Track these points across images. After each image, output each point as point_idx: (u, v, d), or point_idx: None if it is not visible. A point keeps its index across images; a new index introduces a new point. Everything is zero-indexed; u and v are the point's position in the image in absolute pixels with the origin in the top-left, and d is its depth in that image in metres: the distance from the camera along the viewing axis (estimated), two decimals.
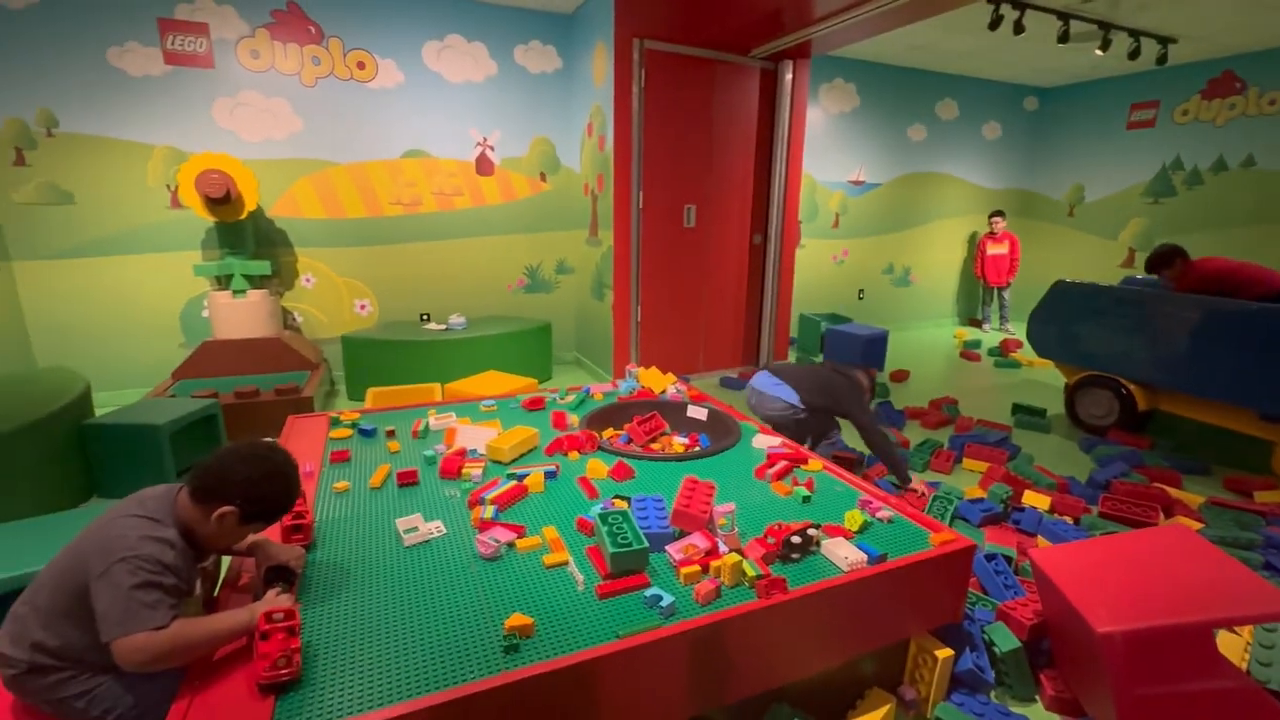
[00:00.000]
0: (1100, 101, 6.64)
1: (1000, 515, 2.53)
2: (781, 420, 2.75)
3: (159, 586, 1.08)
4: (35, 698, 1.13)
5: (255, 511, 1.24)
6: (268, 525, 1.31)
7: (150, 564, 1.09)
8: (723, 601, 1.37)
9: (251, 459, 1.24)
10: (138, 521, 1.14)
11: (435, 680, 1.12)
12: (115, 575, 1.06)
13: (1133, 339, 3.47)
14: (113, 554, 1.08)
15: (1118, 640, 1.32)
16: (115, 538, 1.11)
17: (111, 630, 1.04)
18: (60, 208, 3.68)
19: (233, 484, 1.20)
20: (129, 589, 1.05)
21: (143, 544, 1.10)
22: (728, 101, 4.48)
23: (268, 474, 1.25)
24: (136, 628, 1.04)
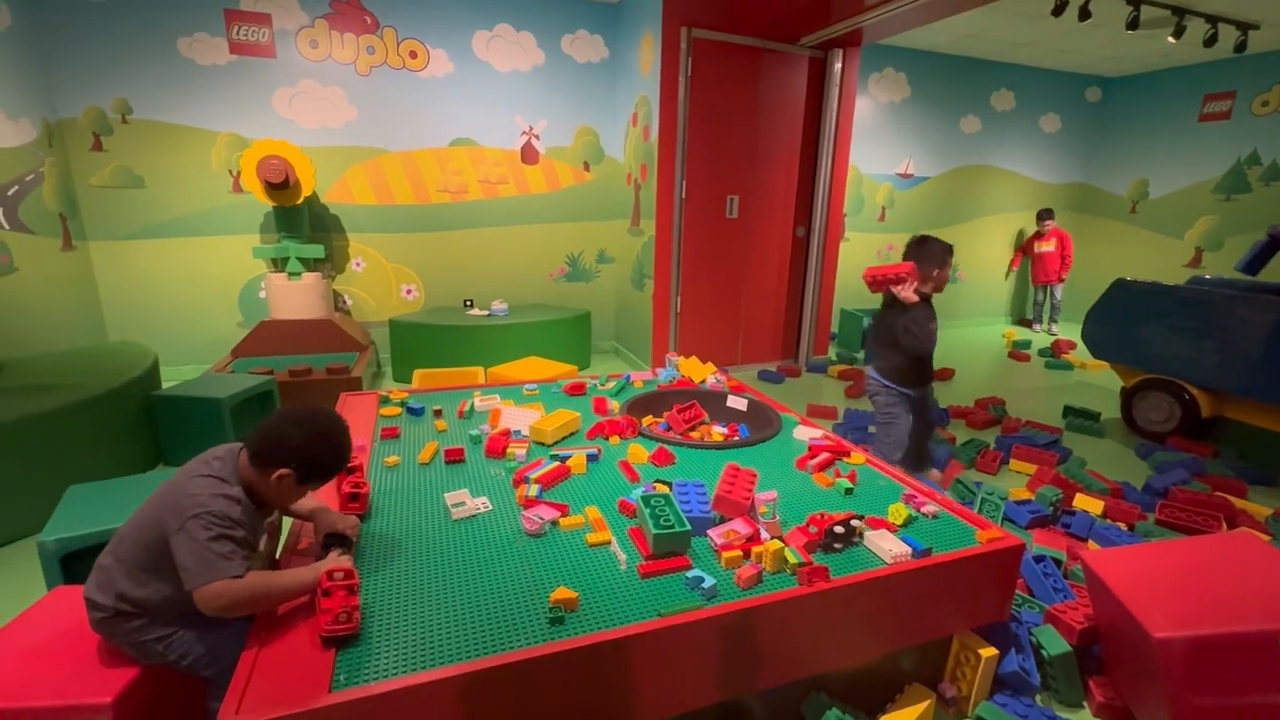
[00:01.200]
0: (1170, 92, 6.30)
1: (1049, 518, 2.45)
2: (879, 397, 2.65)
3: (231, 539, 1.15)
4: (120, 640, 1.22)
5: (310, 473, 1.29)
6: (323, 484, 1.37)
7: (221, 519, 1.15)
8: (764, 587, 1.37)
9: (305, 422, 1.29)
10: (207, 481, 1.20)
11: (484, 646, 1.16)
12: (191, 530, 1.13)
13: (1199, 341, 3.30)
14: (187, 511, 1.14)
15: (1176, 647, 1.27)
16: (188, 496, 1.17)
17: (193, 580, 1.11)
18: (133, 191, 3.88)
19: (288, 448, 1.25)
20: (205, 542, 1.12)
21: (213, 501, 1.17)
22: (774, 91, 4.41)
23: (321, 436, 1.29)
24: (215, 576, 1.11)
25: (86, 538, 1.69)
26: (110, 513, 1.78)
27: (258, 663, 1.09)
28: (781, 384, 4.54)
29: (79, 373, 2.80)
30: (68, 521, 1.73)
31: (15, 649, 1.24)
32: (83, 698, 1.13)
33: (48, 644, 1.26)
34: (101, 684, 1.16)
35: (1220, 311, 3.23)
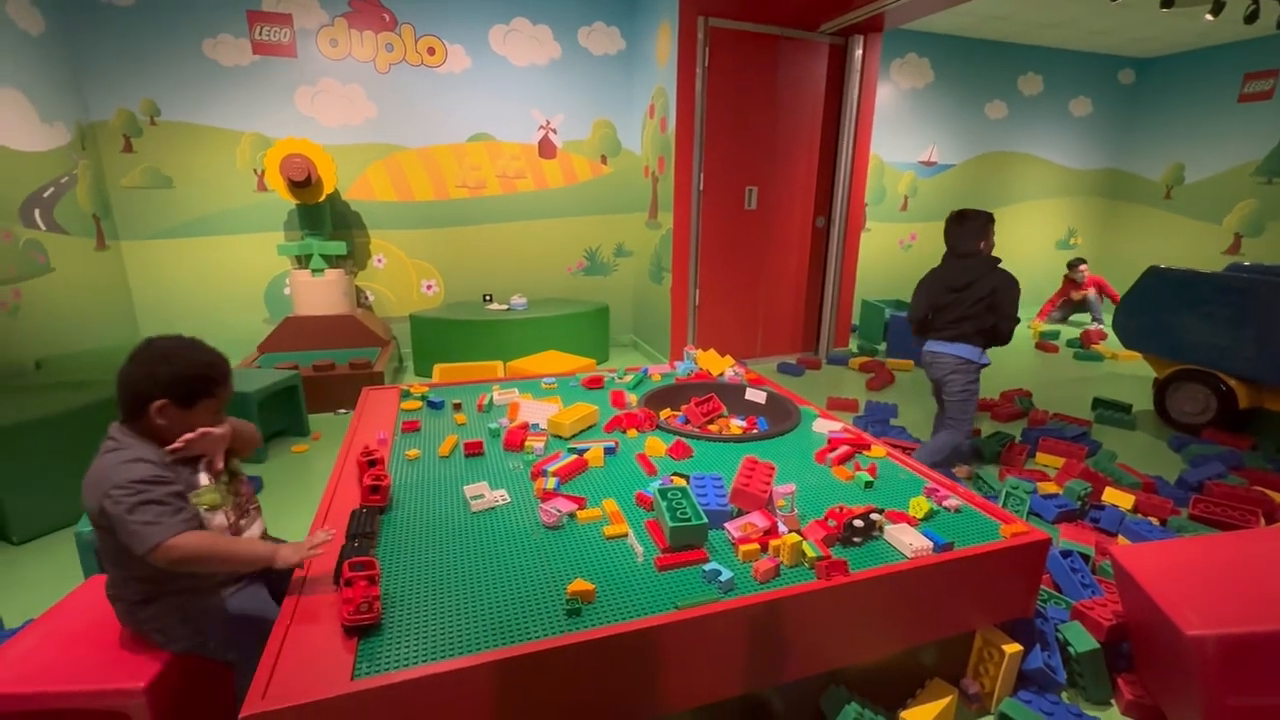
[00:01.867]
0: (1207, 72, 6.07)
1: (1077, 513, 2.39)
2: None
3: (149, 503, 1.12)
4: (147, 628, 1.27)
5: (183, 393, 1.21)
6: (216, 399, 1.28)
7: (128, 488, 1.12)
8: (781, 580, 1.36)
9: (138, 357, 1.23)
10: (103, 459, 1.19)
11: (501, 636, 1.17)
12: (109, 510, 1.12)
13: (1237, 330, 3.19)
14: (98, 492, 1.14)
15: (1210, 645, 1.23)
16: (94, 482, 1.16)
17: (138, 549, 1.11)
18: (162, 191, 3.98)
19: (138, 384, 1.20)
20: (124, 516, 1.10)
21: (115, 472, 1.14)
22: (793, 79, 4.35)
23: (159, 358, 1.22)
24: (149, 544, 1.10)
25: None
26: None
27: (282, 650, 1.11)
28: (801, 376, 4.50)
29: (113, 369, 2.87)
30: None
31: (54, 635, 1.29)
32: (118, 682, 1.17)
33: (84, 631, 1.30)
34: (136, 670, 1.20)
35: (1261, 299, 3.11)
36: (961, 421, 2.69)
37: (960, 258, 2.68)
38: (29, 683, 1.15)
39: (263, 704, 0.99)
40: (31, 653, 1.23)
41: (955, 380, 2.67)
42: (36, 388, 2.62)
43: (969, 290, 2.61)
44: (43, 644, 1.26)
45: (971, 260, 2.66)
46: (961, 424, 2.69)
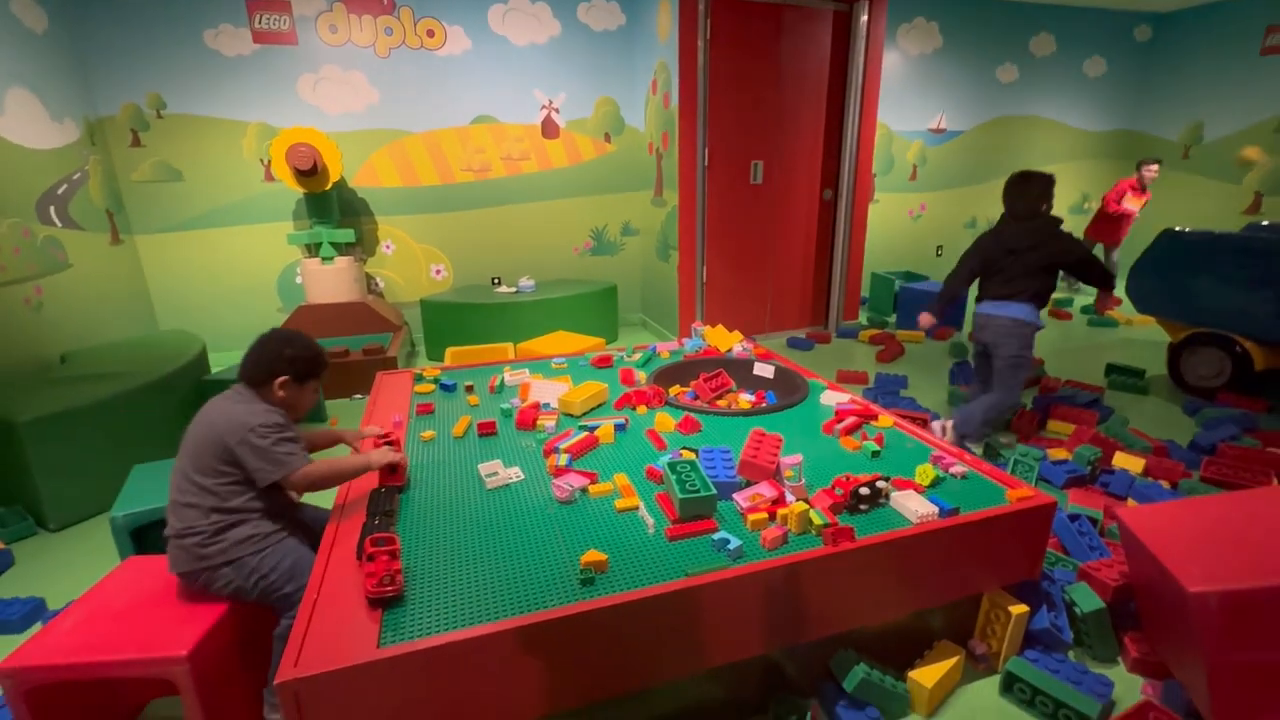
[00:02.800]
0: (1229, 25, 5.88)
1: (1087, 477, 2.41)
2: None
3: (288, 440, 1.43)
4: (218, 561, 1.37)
5: (301, 370, 1.51)
6: (320, 378, 1.59)
7: (273, 427, 1.41)
8: (789, 548, 1.40)
9: (270, 339, 1.52)
10: (245, 408, 1.44)
11: (519, 606, 1.21)
12: (252, 441, 1.37)
13: (1254, 292, 3.15)
14: (244, 427, 1.38)
15: (1212, 601, 1.25)
16: (236, 421, 1.39)
17: (269, 475, 1.38)
18: (171, 184, 4.03)
19: (270, 361, 1.48)
20: (269, 447, 1.38)
21: (255, 417, 1.41)
22: (797, 49, 4.28)
23: (286, 342, 1.52)
24: (287, 470, 1.40)
25: (154, 512, 1.81)
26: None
27: (311, 622, 1.17)
28: (811, 350, 4.50)
29: (135, 361, 2.96)
30: (136, 498, 1.86)
31: (97, 611, 1.36)
32: (162, 651, 1.23)
33: (126, 607, 1.37)
34: (178, 639, 1.26)
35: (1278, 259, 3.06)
36: (1013, 387, 2.64)
37: (1020, 219, 2.62)
38: (78, 654, 1.22)
39: (295, 671, 1.05)
40: (77, 628, 1.30)
41: (1010, 344, 2.61)
42: (64, 380, 2.70)
43: (1032, 253, 2.57)
44: (87, 620, 1.32)
45: (1035, 222, 2.60)
46: (1013, 389, 2.64)
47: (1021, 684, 1.49)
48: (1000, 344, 2.63)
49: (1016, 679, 1.50)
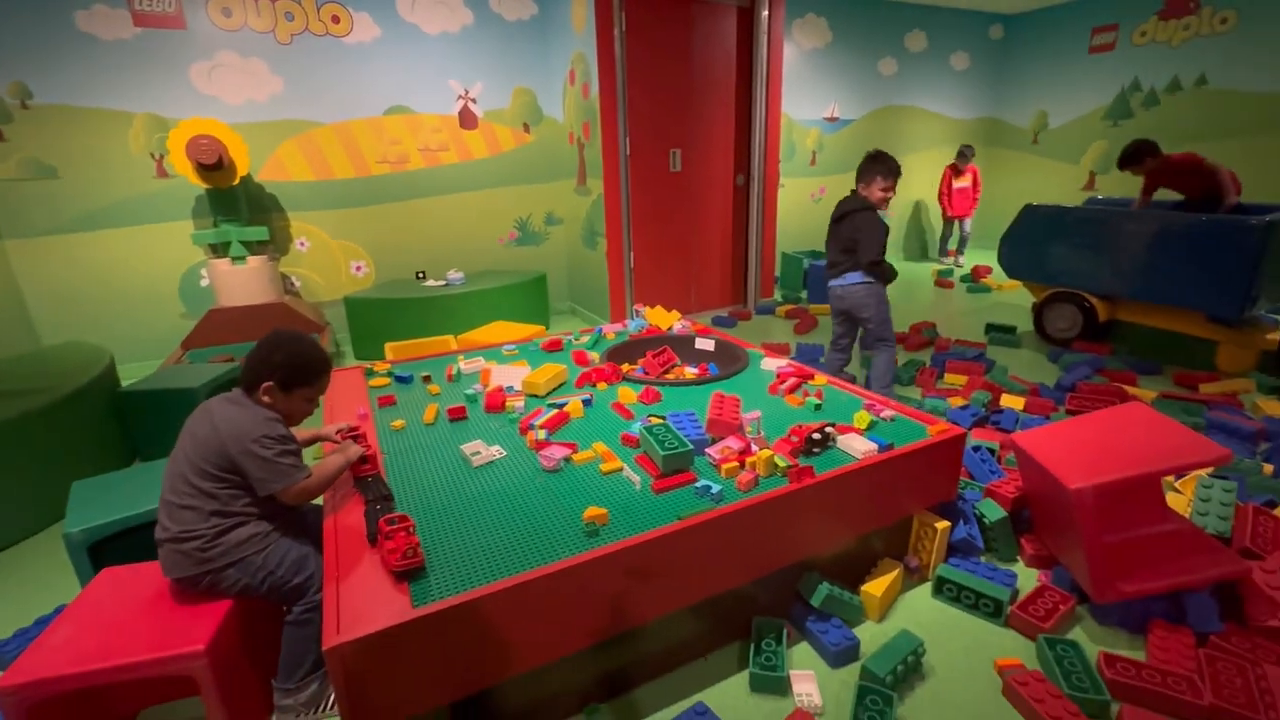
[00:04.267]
0: (1063, 26, 6.78)
1: (983, 419, 2.82)
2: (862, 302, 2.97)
3: (290, 452, 1.42)
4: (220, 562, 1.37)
5: (285, 377, 1.45)
6: (311, 388, 1.52)
7: (277, 439, 1.40)
8: (761, 488, 1.60)
9: (263, 343, 1.49)
10: (245, 412, 1.42)
11: (532, 562, 1.33)
12: (256, 451, 1.36)
13: (1094, 255, 3.76)
14: (248, 436, 1.37)
15: (1087, 494, 1.59)
16: (241, 426, 1.38)
17: (270, 486, 1.38)
18: (46, 182, 3.63)
19: (257, 366, 1.45)
20: (273, 458, 1.38)
21: (259, 426, 1.39)
22: (707, 42, 4.51)
23: (276, 345, 1.47)
24: (290, 483, 1.40)
25: (110, 525, 1.73)
26: (122, 502, 1.82)
27: (340, 597, 1.23)
28: (735, 327, 4.80)
29: (35, 377, 2.71)
30: (87, 513, 1.77)
31: (92, 620, 1.32)
32: (178, 647, 1.24)
33: (120, 614, 1.34)
34: (192, 634, 1.27)
35: (1111, 228, 3.68)
36: (889, 340, 3.00)
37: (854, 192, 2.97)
38: (89, 660, 1.20)
39: (339, 637, 1.11)
40: (77, 637, 1.27)
41: (869, 306, 2.96)
42: None
43: (840, 225, 2.94)
44: (84, 628, 1.29)
45: (853, 199, 2.94)
46: (890, 342, 3.00)
47: (949, 584, 1.79)
48: (861, 308, 2.99)
49: (945, 581, 1.80)
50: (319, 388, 1.55)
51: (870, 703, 1.41)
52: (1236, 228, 3.16)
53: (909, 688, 1.52)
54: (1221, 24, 5.58)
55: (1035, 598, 1.74)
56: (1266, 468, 2.31)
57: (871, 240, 2.84)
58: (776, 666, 1.52)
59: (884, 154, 2.91)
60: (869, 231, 2.85)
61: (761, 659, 1.54)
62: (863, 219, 2.87)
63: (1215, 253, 3.23)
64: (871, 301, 2.96)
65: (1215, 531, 1.86)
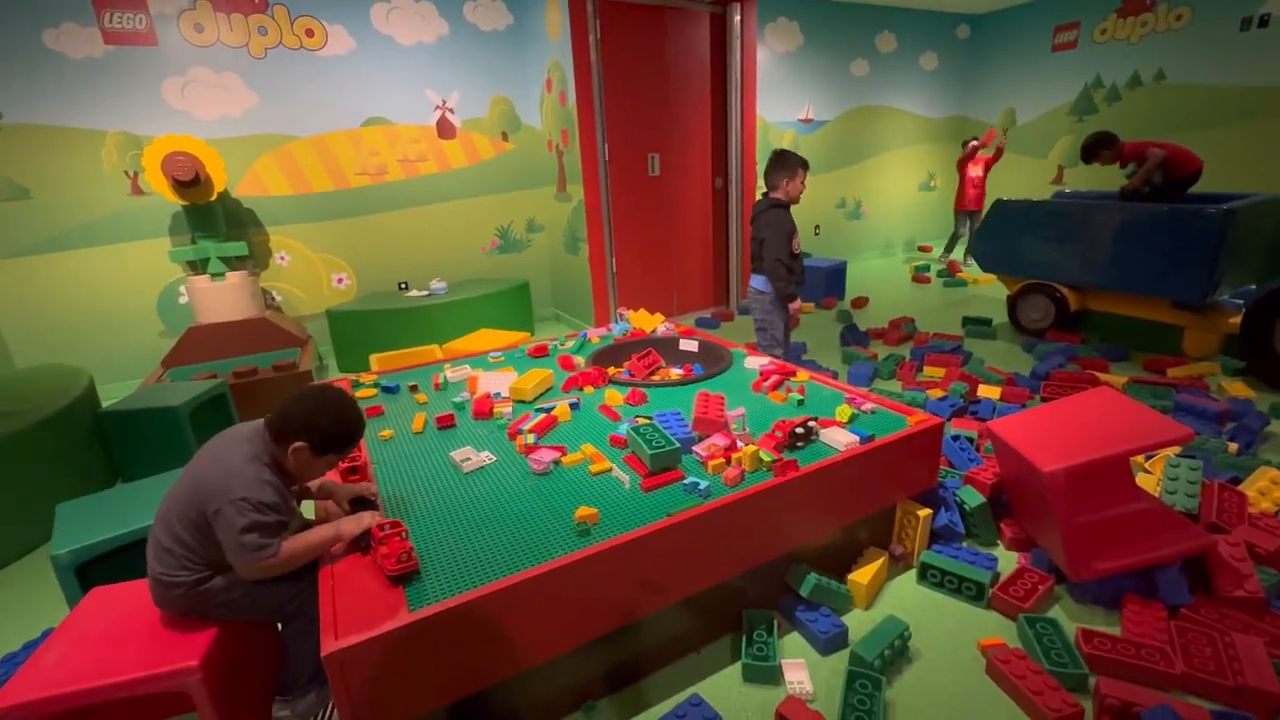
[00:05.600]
0: (1027, 26, 6.96)
1: (961, 409, 2.89)
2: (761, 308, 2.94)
3: (263, 527, 1.28)
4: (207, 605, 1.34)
5: (322, 443, 1.37)
6: (341, 455, 1.44)
7: (256, 506, 1.27)
8: (747, 483, 1.64)
9: (310, 398, 1.39)
10: (247, 466, 1.30)
11: (524, 563, 1.35)
12: (229, 515, 1.25)
13: (1063, 247, 3.87)
14: (229, 493, 1.26)
15: (1060, 476, 1.65)
16: (231, 477, 1.27)
17: (231, 558, 1.28)
18: (17, 203, 3.57)
19: (299, 421, 1.35)
20: (239, 532, 1.25)
21: (246, 485, 1.27)
22: (681, 48, 4.58)
23: (324, 407, 1.38)
24: (249, 560, 1.27)
25: (98, 546, 1.72)
26: (109, 521, 1.81)
27: (336, 604, 1.24)
28: (718, 328, 4.85)
29: (13, 400, 2.67)
30: (74, 535, 1.75)
31: (83, 639, 1.32)
32: (172, 663, 1.24)
33: (113, 631, 1.34)
34: (185, 650, 1.27)
35: (1078, 220, 3.79)
36: (764, 347, 2.95)
37: (764, 194, 2.93)
38: (82, 679, 1.20)
39: (337, 643, 1.13)
40: (69, 657, 1.26)
41: (755, 311, 2.98)
42: None
43: (754, 226, 2.92)
44: (76, 648, 1.29)
45: (766, 199, 2.89)
46: (767, 349, 2.95)
47: (932, 570, 1.85)
48: (751, 311, 3.02)
49: (929, 567, 1.85)
50: (348, 454, 1.48)
51: (860, 686, 1.45)
52: (1198, 216, 3.27)
53: (897, 671, 1.57)
54: (1177, 20, 5.77)
55: (1015, 579, 1.80)
56: (1231, 446, 2.40)
57: (777, 238, 2.77)
58: (768, 656, 1.56)
59: (788, 151, 2.86)
60: (771, 229, 2.79)
61: (753, 650, 1.58)
62: (766, 218, 2.83)
63: (1178, 241, 3.35)
64: (757, 309, 2.96)
65: (1183, 509, 1.94)
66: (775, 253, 2.79)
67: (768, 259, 2.82)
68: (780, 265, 2.80)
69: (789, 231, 2.80)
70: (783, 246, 2.78)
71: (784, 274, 2.81)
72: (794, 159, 2.83)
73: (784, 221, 2.81)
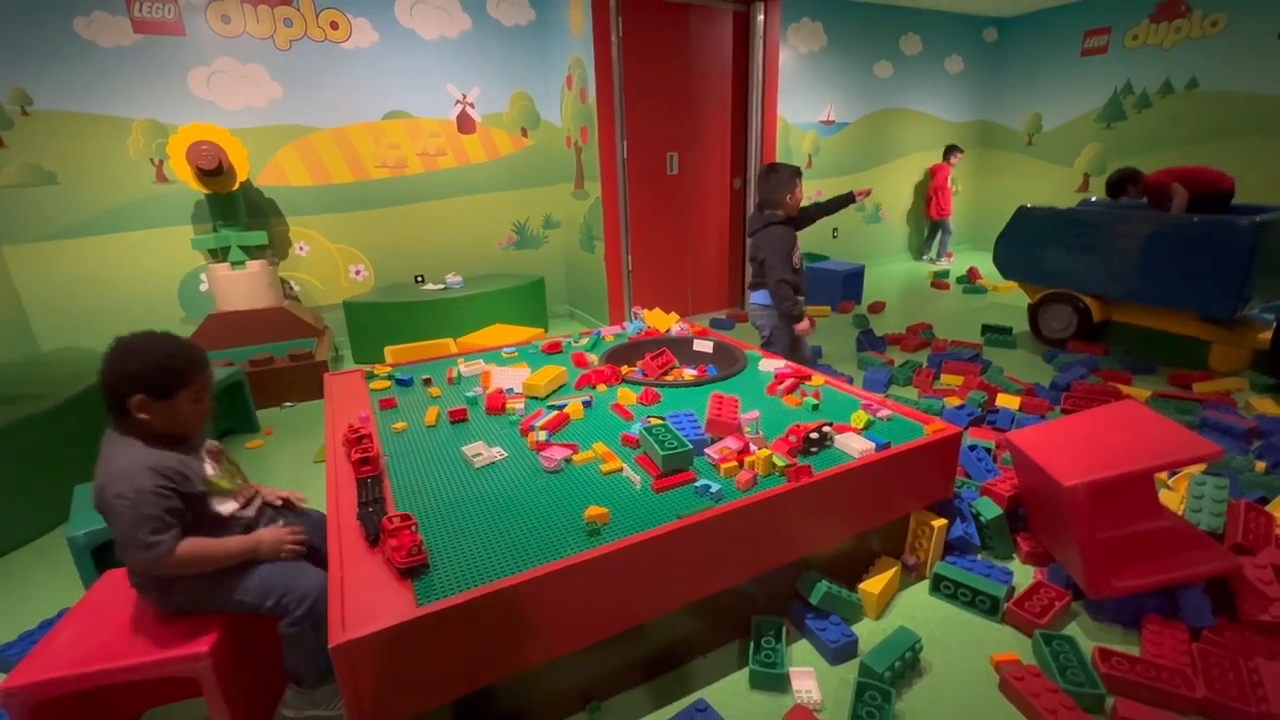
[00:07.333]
0: (1056, 29, 6.84)
1: (979, 418, 2.84)
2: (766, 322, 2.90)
3: (150, 518, 1.20)
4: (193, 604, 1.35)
5: (152, 386, 1.24)
6: (189, 388, 1.30)
7: (133, 502, 1.19)
8: (759, 488, 1.62)
9: (112, 354, 1.26)
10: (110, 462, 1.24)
11: (533, 561, 1.34)
12: (110, 515, 1.22)
13: (1088, 256, 3.79)
14: (105, 490, 1.21)
15: (1081, 491, 1.61)
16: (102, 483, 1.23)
17: (127, 556, 1.23)
18: (44, 188, 3.64)
19: (117, 381, 1.24)
20: (124, 528, 1.20)
21: (117, 481, 1.21)
22: (703, 46, 4.55)
23: (128, 356, 1.25)
24: (140, 557, 1.21)
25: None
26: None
27: (345, 595, 1.24)
28: (733, 329, 4.82)
29: (36, 383, 2.71)
30: (89, 517, 1.78)
31: (95, 621, 1.33)
32: (181, 649, 1.25)
33: (125, 614, 1.35)
34: (195, 635, 1.28)
35: (1105, 229, 3.71)
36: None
37: (760, 209, 2.84)
38: (92, 661, 1.21)
39: (345, 634, 1.13)
40: (81, 638, 1.28)
41: (763, 328, 2.93)
42: None
43: (751, 241, 2.86)
44: (88, 630, 1.30)
45: (762, 214, 2.81)
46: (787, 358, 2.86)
47: (946, 582, 1.81)
48: (761, 328, 2.97)
49: (942, 578, 1.82)
50: (202, 380, 1.33)
51: (869, 698, 1.43)
52: (1229, 227, 3.19)
53: (907, 684, 1.54)
54: (1212, 26, 5.64)
55: (1031, 594, 1.76)
56: (1259, 465, 2.33)
57: (774, 257, 2.71)
58: (776, 664, 1.54)
59: (778, 163, 2.79)
60: (771, 249, 2.72)
61: (761, 656, 1.56)
62: (763, 236, 2.76)
63: (1208, 253, 3.27)
64: (766, 324, 2.90)
65: (1208, 528, 1.88)
66: (777, 273, 2.71)
67: (770, 280, 2.75)
68: (784, 286, 2.72)
69: (788, 249, 2.73)
70: (784, 267, 2.71)
71: (789, 295, 2.73)
72: (787, 170, 2.74)
73: (782, 239, 2.73)
